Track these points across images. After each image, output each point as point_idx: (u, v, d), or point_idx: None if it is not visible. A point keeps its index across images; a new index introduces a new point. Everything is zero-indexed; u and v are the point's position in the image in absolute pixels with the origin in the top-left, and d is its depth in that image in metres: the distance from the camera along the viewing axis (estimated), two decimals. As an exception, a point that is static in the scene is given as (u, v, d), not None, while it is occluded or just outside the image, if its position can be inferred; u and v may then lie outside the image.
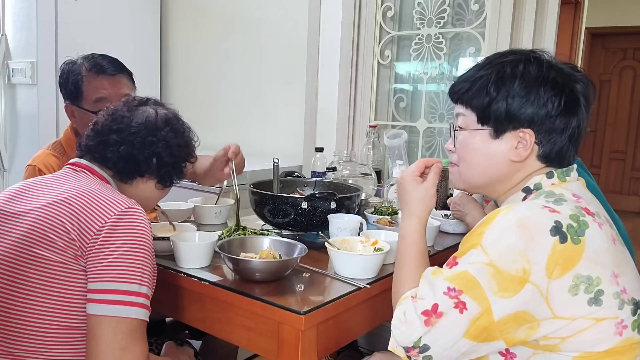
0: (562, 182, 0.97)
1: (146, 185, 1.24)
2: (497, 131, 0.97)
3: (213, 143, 3.32)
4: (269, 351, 1.12)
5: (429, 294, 0.89)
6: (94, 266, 0.99)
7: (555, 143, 0.96)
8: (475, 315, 0.84)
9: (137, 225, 1.04)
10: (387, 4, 2.55)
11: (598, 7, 5.19)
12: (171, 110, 1.31)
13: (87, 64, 1.61)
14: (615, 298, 0.86)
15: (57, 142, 1.72)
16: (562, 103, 0.94)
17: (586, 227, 0.87)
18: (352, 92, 2.64)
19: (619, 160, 6.39)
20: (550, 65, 0.96)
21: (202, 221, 1.67)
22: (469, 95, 0.99)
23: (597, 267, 0.85)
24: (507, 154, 0.97)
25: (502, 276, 0.83)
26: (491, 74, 0.97)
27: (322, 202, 1.49)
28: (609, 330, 0.85)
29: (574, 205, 0.90)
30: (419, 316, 0.87)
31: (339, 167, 2.14)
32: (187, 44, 3.40)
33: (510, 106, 0.94)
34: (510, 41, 2.19)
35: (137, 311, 0.99)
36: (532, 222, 0.85)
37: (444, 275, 0.89)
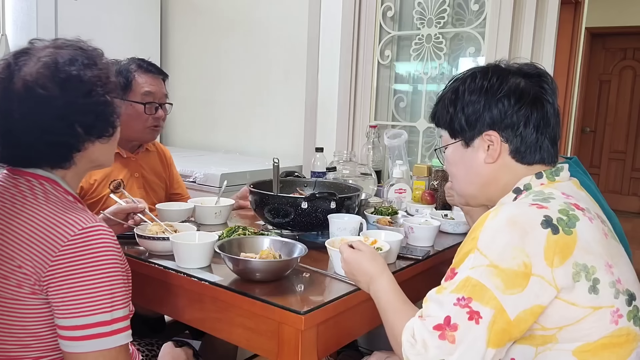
0: (552, 182, 1.00)
1: (90, 151, 1.05)
2: (467, 140, 1.05)
3: (213, 143, 3.34)
4: (269, 351, 1.12)
5: (437, 309, 0.86)
6: (59, 301, 0.91)
7: (522, 136, 1.00)
8: (491, 320, 0.82)
9: (94, 246, 0.93)
10: (387, 4, 2.55)
11: (598, 7, 5.19)
12: (46, 60, 0.99)
13: (133, 63, 1.77)
14: (611, 287, 0.87)
15: None
16: (513, 100, 0.99)
17: (576, 220, 0.89)
18: (352, 92, 2.64)
19: (619, 161, 6.39)
20: (499, 71, 1.04)
21: (202, 221, 1.67)
22: (437, 117, 1.11)
23: (591, 256, 0.87)
24: (482, 157, 1.03)
25: (505, 274, 0.83)
26: (447, 93, 1.08)
27: (322, 202, 1.49)
28: (604, 318, 0.86)
29: (562, 202, 0.92)
30: (431, 332, 0.85)
31: (339, 167, 2.14)
32: (187, 44, 3.40)
33: (467, 115, 1.03)
34: (510, 41, 2.19)
35: (115, 339, 0.94)
36: (522, 218, 0.87)
37: (448, 290, 0.87)
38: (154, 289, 1.35)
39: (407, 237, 1.53)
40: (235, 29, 3.16)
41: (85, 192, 1.69)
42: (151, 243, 1.35)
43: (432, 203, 1.98)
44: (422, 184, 2.08)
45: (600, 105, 6.35)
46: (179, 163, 2.45)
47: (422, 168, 2.15)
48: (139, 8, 3.21)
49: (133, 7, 3.17)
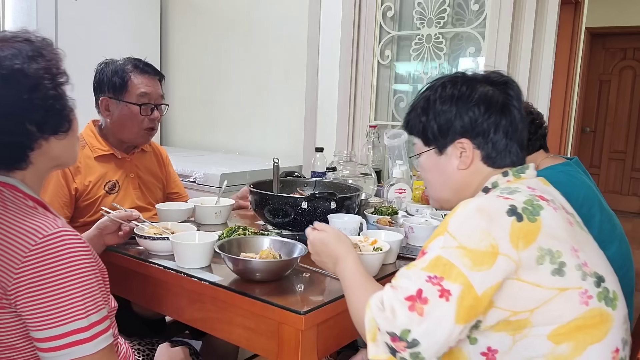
0: (518, 179, 1.04)
1: (48, 149, 0.98)
2: (440, 147, 1.09)
3: (213, 143, 3.34)
4: (269, 351, 1.12)
5: (409, 282, 0.88)
6: (30, 314, 0.87)
7: (492, 143, 1.04)
8: (460, 295, 0.84)
9: (58, 253, 0.88)
10: (387, 4, 2.55)
11: (598, 7, 5.19)
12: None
13: (129, 63, 1.76)
14: (577, 270, 0.90)
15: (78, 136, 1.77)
16: (483, 108, 1.03)
17: (540, 208, 0.92)
18: (352, 92, 2.64)
19: (619, 161, 6.39)
20: (468, 80, 1.08)
21: (202, 221, 1.67)
22: (410, 125, 1.14)
23: (556, 241, 0.90)
24: (455, 163, 1.07)
25: (473, 254, 0.87)
26: (419, 102, 1.11)
27: (322, 202, 1.49)
28: (573, 299, 0.89)
29: (527, 194, 0.96)
30: (402, 301, 0.86)
31: (339, 167, 2.14)
32: (187, 44, 3.40)
33: (439, 124, 1.07)
34: (510, 41, 2.19)
35: (95, 344, 0.90)
36: (489, 207, 0.92)
37: (418, 267, 0.90)
38: (154, 289, 1.35)
39: (407, 237, 1.53)
40: (235, 29, 3.16)
41: (80, 193, 1.69)
42: (151, 243, 1.35)
43: (432, 203, 1.98)
44: (422, 184, 2.07)
45: (600, 105, 6.35)
46: (178, 163, 2.45)
47: (422, 168, 2.15)
48: (139, 8, 3.21)
49: (133, 7, 3.17)
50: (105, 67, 1.77)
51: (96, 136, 1.78)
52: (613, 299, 0.93)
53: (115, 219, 1.37)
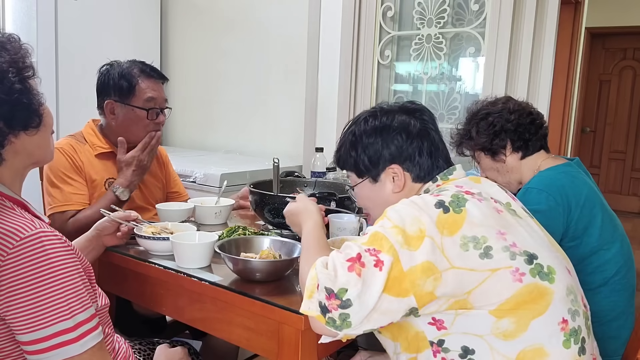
0: (446, 182, 1.12)
1: (20, 145, 0.97)
2: (374, 176, 1.16)
3: (213, 143, 3.34)
4: (269, 351, 1.12)
5: (350, 250, 0.95)
6: (14, 318, 0.86)
7: (419, 164, 1.14)
8: (389, 267, 0.91)
9: (38, 255, 0.87)
10: (387, 4, 2.55)
11: (598, 7, 5.19)
12: None
13: (136, 67, 1.76)
14: (504, 251, 0.96)
15: (78, 133, 1.80)
16: (404, 135, 1.13)
17: (465, 201, 1.00)
18: (352, 92, 2.64)
19: (619, 161, 6.38)
20: (386, 112, 1.17)
21: (202, 221, 1.67)
22: (342, 162, 1.23)
23: (480, 228, 0.97)
24: (390, 188, 1.15)
25: (406, 235, 0.94)
26: (347, 139, 1.20)
27: (322, 202, 1.49)
28: (505, 278, 0.94)
29: (454, 191, 1.04)
30: (343, 262, 0.93)
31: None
32: (187, 44, 3.40)
33: (369, 156, 1.15)
34: (510, 41, 2.19)
35: (82, 344, 0.90)
36: (419, 201, 1.01)
37: (359, 242, 0.97)
38: (154, 289, 1.35)
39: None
40: (235, 29, 3.16)
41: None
42: (151, 243, 1.35)
43: (432, 203, 1.98)
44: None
45: (600, 105, 6.35)
46: (178, 163, 2.45)
47: (422, 168, 2.15)
48: (139, 8, 3.21)
49: (133, 7, 3.17)
50: (110, 70, 1.76)
51: (97, 134, 1.78)
52: (549, 273, 0.98)
53: (114, 220, 1.37)
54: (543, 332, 0.94)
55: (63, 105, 2.74)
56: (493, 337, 0.93)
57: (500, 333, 0.93)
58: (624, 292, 1.48)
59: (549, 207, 1.43)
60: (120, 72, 1.74)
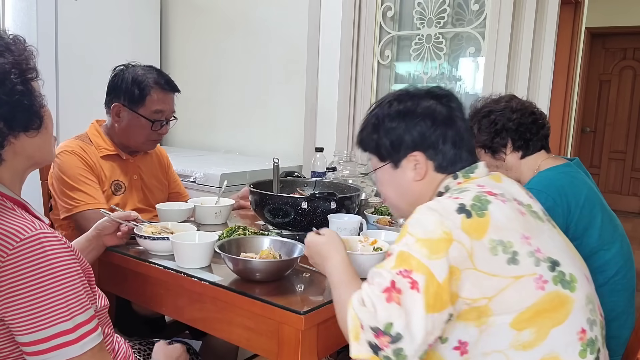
0: (467, 180, 1.08)
1: (20, 147, 0.97)
2: (395, 162, 1.13)
3: (213, 143, 3.34)
4: (269, 351, 1.12)
5: (382, 277, 0.91)
6: (14, 319, 0.86)
7: (443, 153, 1.09)
8: (425, 285, 0.88)
9: (38, 256, 0.87)
10: (387, 4, 2.55)
11: (598, 7, 5.19)
12: None
13: (151, 76, 1.73)
14: (530, 257, 0.93)
15: (83, 134, 1.79)
16: (429, 122, 1.08)
17: (488, 203, 0.96)
18: (352, 92, 2.64)
19: (619, 161, 6.38)
20: (412, 96, 1.12)
21: (202, 221, 1.67)
22: (364, 144, 1.18)
23: (506, 232, 0.94)
24: (410, 176, 1.11)
25: (429, 242, 0.91)
26: (370, 121, 1.16)
27: (322, 202, 1.49)
28: (528, 285, 0.92)
29: (476, 192, 1.00)
30: (379, 295, 0.89)
31: (339, 167, 2.14)
32: (187, 44, 3.40)
33: (391, 141, 1.11)
34: (511, 41, 2.19)
35: (82, 345, 0.90)
36: (439, 207, 0.97)
37: (387, 265, 0.93)
38: (154, 289, 1.35)
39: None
40: (235, 29, 3.15)
41: None
42: (151, 243, 1.35)
43: (432, 203, 1.98)
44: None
45: (600, 105, 6.35)
46: (179, 163, 2.45)
47: (422, 168, 2.15)
48: (139, 8, 3.20)
49: (133, 7, 3.17)
50: (124, 72, 1.73)
51: (101, 135, 1.77)
52: (570, 281, 0.95)
53: (114, 220, 1.37)
54: (561, 342, 0.92)
55: (63, 105, 2.74)
56: (513, 349, 0.91)
57: (520, 345, 0.91)
58: (624, 292, 1.48)
59: (548, 207, 1.43)
60: (134, 77, 1.71)
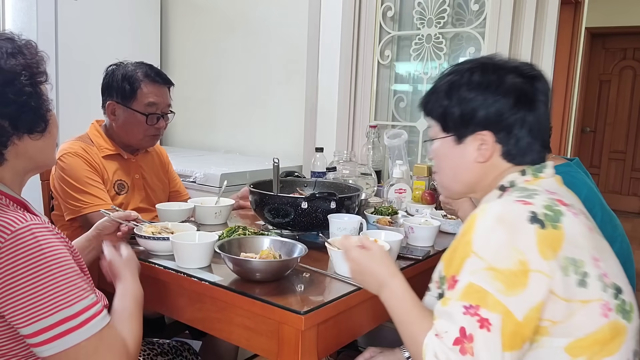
0: (536, 179, 0.99)
1: (23, 148, 0.98)
2: (459, 136, 1.02)
3: (213, 143, 3.34)
4: (269, 351, 1.12)
5: (449, 324, 0.85)
6: (13, 312, 0.86)
7: (516, 139, 0.99)
8: (501, 325, 0.81)
9: (30, 247, 0.87)
10: (387, 4, 2.55)
11: (598, 7, 5.19)
12: None
13: (140, 70, 1.74)
14: (598, 280, 0.87)
15: (84, 135, 1.79)
16: (512, 101, 0.97)
17: (561, 214, 0.88)
18: (352, 92, 2.64)
19: (619, 161, 6.39)
20: (499, 68, 1.00)
21: (202, 221, 1.67)
22: (429, 107, 1.07)
23: (578, 250, 0.86)
24: (472, 155, 1.01)
25: (504, 275, 0.82)
26: (443, 85, 1.04)
27: (322, 202, 1.49)
28: (594, 312, 0.86)
29: (547, 198, 0.91)
30: (452, 348, 0.83)
31: (339, 167, 2.14)
32: (187, 44, 3.40)
33: (462, 112, 1.00)
34: (510, 41, 2.19)
35: (89, 327, 0.90)
36: (509, 215, 0.87)
37: (453, 299, 0.86)
38: (154, 289, 1.35)
39: (407, 237, 1.53)
40: (235, 29, 3.15)
41: None
42: (151, 243, 1.35)
43: (432, 203, 1.98)
44: (422, 184, 2.07)
45: (600, 105, 6.35)
46: (179, 163, 2.45)
47: (422, 168, 2.16)
48: (139, 8, 3.20)
49: (133, 7, 3.17)
50: (115, 70, 1.75)
51: (102, 135, 1.78)
52: (629, 311, 0.90)
53: (114, 220, 1.37)
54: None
55: (63, 105, 2.74)
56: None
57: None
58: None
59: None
60: (124, 74, 1.73)
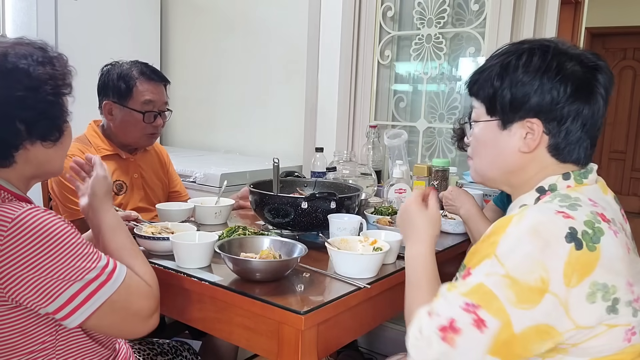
0: (579, 185, 0.94)
1: (33, 153, 1.00)
2: (505, 122, 0.96)
3: (213, 143, 3.34)
4: (269, 351, 1.12)
5: (445, 309, 0.85)
6: (29, 295, 0.88)
7: (567, 132, 0.93)
8: (497, 331, 0.80)
9: (32, 230, 0.88)
10: (387, 4, 2.55)
11: (598, 7, 5.19)
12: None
13: (136, 69, 1.75)
14: (627, 306, 0.84)
15: (82, 136, 1.79)
16: (569, 90, 0.91)
17: (601, 234, 0.84)
18: (352, 92, 2.64)
19: (619, 161, 6.39)
20: (560, 53, 0.94)
21: (202, 221, 1.67)
22: (477, 87, 1.00)
23: (612, 275, 0.82)
24: (517, 144, 0.96)
25: (520, 287, 0.80)
26: (496, 65, 0.97)
27: (322, 202, 1.49)
28: (618, 336, 0.83)
29: (589, 211, 0.86)
30: (436, 332, 0.84)
31: (339, 167, 2.14)
32: (187, 44, 3.40)
33: (514, 95, 0.94)
34: (510, 41, 2.17)
35: (113, 283, 0.94)
36: (546, 228, 0.83)
37: (459, 290, 0.85)
38: (154, 289, 1.35)
39: (407, 237, 1.53)
40: (235, 29, 3.16)
41: None
42: (151, 243, 1.35)
43: (432, 203, 1.98)
44: (422, 184, 2.07)
45: (600, 105, 6.34)
46: (179, 163, 2.45)
47: (422, 168, 2.16)
48: (139, 8, 3.21)
49: (133, 7, 3.17)
50: (111, 70, 1.76)
51: (100, 136, 1.78)
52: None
53: None
54: None
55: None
56: None
57: None
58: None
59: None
60: (119, 73, 1.73)
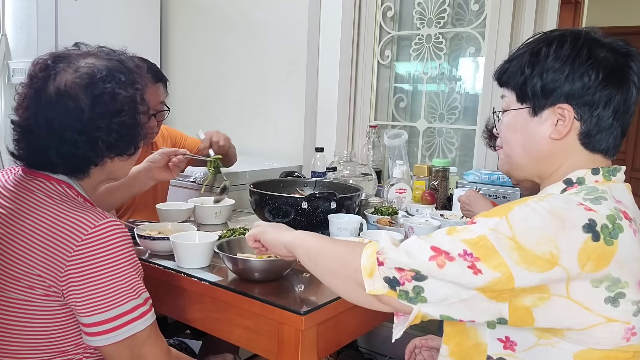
0: (607, 181, 0.93)
1: (108, 166, 1.08)
2: (536, 108, 0.96)
3: (213, 143, 3.34)
4: (269, 351, 1.12)
5: (444, 240, 0.81)
6: (81, 301, 0.94)
7: (598, 119, 0.92)
8: (493, 280, 0.77)
9: (108, 243, 0.95)
10: (387, 4, 2.55)
11: (598, 7, 5.18)
12: (78, 74, 1.01)
13: None
14: (632, 305, 0.83)
15: None
16: (601, 75, 0.91)
17: (620, 230, 0.82)
18: (352, 92, 2.64)
19: (619, 161, 6.34)
20: (591, 40, 0.94)
21: (202, 221, 1.67)
22: (507, 76, 1.00)
23: (625, 272, 0.81)
24: (547, 131, 0.95)
25: (524, 252, 0.78)
26: (525, 53, 0.97)
27: (322, 202, 1.49)
28: (617, 333, 0.82)
29: (612, 206, 0.85)
30: (426, 249, 0.80)
31: (339, 167, 2.14)
32: (187, 44, 3.40)
33: (545, 81, 0.93)
34: (510, 41, 2.19)
35: (144, 321, 0.98)
36: (565, 214, 0.81)
37: (460, 235, 0.81)
38: (154, 289, 1.34)
39: (407, 237, 1.53)
40: (235, 29, 3.16)
41: None
42: (151, 243, 1.35)
43: (432, 203, 1.98)
44: (423, 184, 2.08)
45: (600, 105, 6.34)
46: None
47: (422, 168, 2.16)
48: (139, 8, 3.21)
49: (133, 7, 3.17)
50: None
51: None
52: None
53: (163, 154, 1.53)
54: None
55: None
56: None
57: None
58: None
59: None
60: None
